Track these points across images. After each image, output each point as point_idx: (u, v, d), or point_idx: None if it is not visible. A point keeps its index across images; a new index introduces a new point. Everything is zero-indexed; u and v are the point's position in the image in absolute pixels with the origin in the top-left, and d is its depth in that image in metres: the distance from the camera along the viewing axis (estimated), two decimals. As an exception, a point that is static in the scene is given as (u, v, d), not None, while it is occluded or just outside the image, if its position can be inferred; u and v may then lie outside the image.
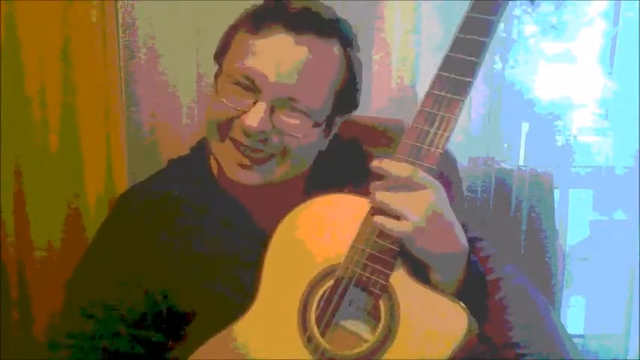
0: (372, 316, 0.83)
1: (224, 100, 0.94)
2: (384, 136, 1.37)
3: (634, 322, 1.79)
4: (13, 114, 1.53)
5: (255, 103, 0.91)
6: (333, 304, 0.84)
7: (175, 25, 1.57)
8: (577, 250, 1.79)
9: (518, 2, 1.63)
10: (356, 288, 0.83)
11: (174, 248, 0.99)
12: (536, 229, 1.71)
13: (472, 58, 0.83)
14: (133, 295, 0.98)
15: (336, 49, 0.97)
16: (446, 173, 1.33)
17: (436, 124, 0.82)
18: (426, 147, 0.82)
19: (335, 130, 1.04)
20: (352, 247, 0.84)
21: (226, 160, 0.96)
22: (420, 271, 0.84)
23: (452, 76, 0.83)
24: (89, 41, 1.52)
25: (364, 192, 0.89)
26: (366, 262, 0.82)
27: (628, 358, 1.81)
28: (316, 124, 0.96)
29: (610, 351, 1.81)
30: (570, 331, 1.40)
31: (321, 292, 0.85)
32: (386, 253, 0.81)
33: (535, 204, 1.71)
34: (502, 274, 0.99)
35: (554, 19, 1.65)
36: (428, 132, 0.82)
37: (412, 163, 0.82)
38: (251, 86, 0.92)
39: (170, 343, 1.00)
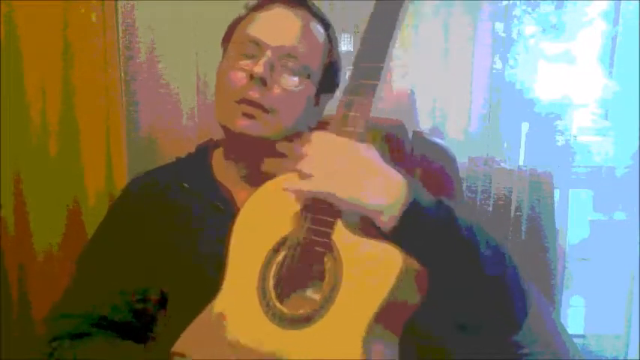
0: (319, 273, 0.88)
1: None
2: (388, 134, 1.38)
3: (634, 322, 1.79)
4: (12, 114, 1.53)
5: (258, 62, 1.02)
6: (286, 272, 0.90)
7: (175, 26, 1.57)
8: (577, 250, 1.79)
9: (518, 2, 1.64)
10: (305, 253, 0.89)
11: (173, 230, 1.07)
12: (536, 229, 1.71)
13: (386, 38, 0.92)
14: (136, 273, 1.06)
15: (321, 29, 1.10)
16: (447, 171, 1.34)
17: (361, 93, 0.91)
18: (352, 114, 0.89)
19: (322, 109, 1.13)
20: (299, 215, 0.89)
21: (232, 115, 1.04)
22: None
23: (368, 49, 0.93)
24: (89, 41, 1.52)
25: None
26: (310, 226, 0.88)
27: (628, 358, 1.81)
28: (312, 82, 1.07)
29: (610, 351, 1.81)
30: (570, 331, 1.40)
31: (276, 261, 0.91)
32: (325, 214, 0.86)
33: (535, 204, 1.71)
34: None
35: (554, 19, 1.65)
36: (353, 100, 0.90)
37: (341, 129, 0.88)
38: (256, 50, 1.03)
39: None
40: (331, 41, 1.11)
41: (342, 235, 0.86)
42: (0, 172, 1.54)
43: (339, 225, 0.86)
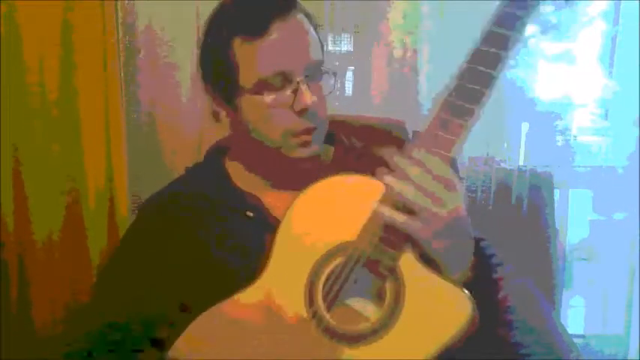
0: (378, 296, 0.85)
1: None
2: (387, 136, 1.38)
3: (634, 322, 1.79)
4: (13, 114, 1.53)
5: (294, 90, 0.99)
6: (340, 282, 0.87)
7: (175, 26, 1.57)
8: (577, 250, 1.79)
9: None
10: (364, 268, 0.86)
11: (198, 246, 1.03)
12: (536, 229, 1.71)
13: (497, 51, 0.86)
14: (158, 297, 1.02)
15: (308, 21, 1.05)
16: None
17: (457, 113, 0.85)
18: (442, 134, 0.85)
19: None
20: (364, 227, 0.86)
21: (288, 146, 1.02)
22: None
23: (479, 68, 0.86)
24: (89, 41, 1.52)
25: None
26: (377, 243, 0.85)
27: (628, 358, 1.81)
28: (332, 75, 1.06)
29: (610, 351, 1.81)
30: (570, 331, 1.40)
31: (328, 269, 0.88)
32: (397, 237, 0.84)
33: (535, 204, 1.70)
34: (503, 274, 0.99)
35: (554, 19, 1.65)
36: (447, 120, 0.85)
37: (427, 151, 0.85)
38: (284, 80, 0.99)
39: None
40: (316, 30, 1.07)
41: (408, 261, 0.84)
42: (0, 169, 1.54)
43: (407, 249, 0.84)
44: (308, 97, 0.98)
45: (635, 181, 1.70)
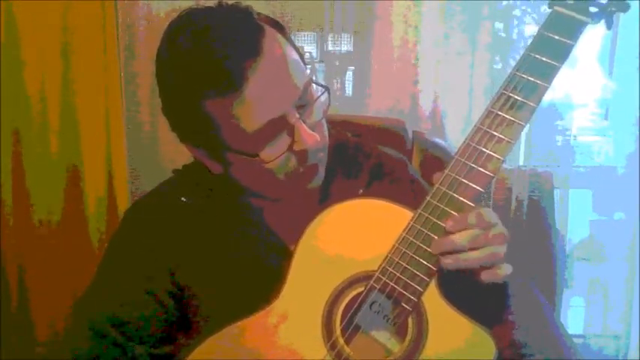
0: (400, 329, 0.83)
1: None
2: (389, 134, 1.38)
3: (634, 322, 1.79)
4: (13, 114, 1.53)
5: (290, 131, 0.88)
6: (361, 313, 0.84)
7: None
8: (577, 250, 1.79)
9: (518, 2, 1.64)
10: (386, 300, 0.83)
11: (188, 256, 0.95)
12: (536, 229, 1.71)
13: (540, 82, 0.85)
14: (147, 305, 0.94)
15: (281, 35, 0.90)
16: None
17: (492, 143, 0.84)
18: (477, 168, 0.84)
19: None
20: (389, 259, 0.83)
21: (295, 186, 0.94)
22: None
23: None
24: (89, 41, 1.52)
25: (376, 193, 0.92)
26: (401, 276, 0.82)
27: (628, 358, 1.81)
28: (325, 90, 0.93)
29: (610, 351, 1.82)
30: (570, 331, 1.40)
31: (347, 299, 0.84)
32: (424, 272, 0.81)
33: (535, 204, 1.70)
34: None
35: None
36: (482, 152, 0.84)
37: (460, 183, 0.83)
38: (276, 125, 0.87)
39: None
40: (289, 38, 0.92)
41: (431, 297, 0.82)
42: (0, 170, 1.54)
43: (432, 287, 0.82)
44: (308, 137, 0.86)
45: (635, 181, 1.70)
